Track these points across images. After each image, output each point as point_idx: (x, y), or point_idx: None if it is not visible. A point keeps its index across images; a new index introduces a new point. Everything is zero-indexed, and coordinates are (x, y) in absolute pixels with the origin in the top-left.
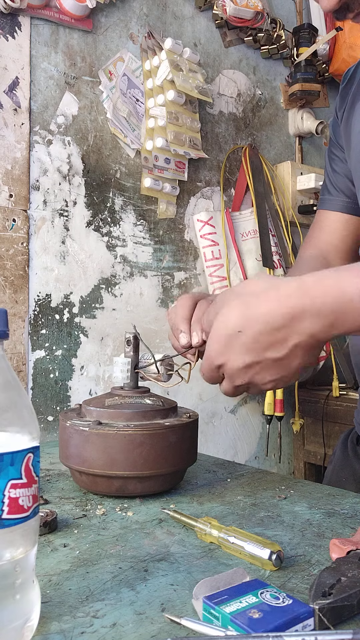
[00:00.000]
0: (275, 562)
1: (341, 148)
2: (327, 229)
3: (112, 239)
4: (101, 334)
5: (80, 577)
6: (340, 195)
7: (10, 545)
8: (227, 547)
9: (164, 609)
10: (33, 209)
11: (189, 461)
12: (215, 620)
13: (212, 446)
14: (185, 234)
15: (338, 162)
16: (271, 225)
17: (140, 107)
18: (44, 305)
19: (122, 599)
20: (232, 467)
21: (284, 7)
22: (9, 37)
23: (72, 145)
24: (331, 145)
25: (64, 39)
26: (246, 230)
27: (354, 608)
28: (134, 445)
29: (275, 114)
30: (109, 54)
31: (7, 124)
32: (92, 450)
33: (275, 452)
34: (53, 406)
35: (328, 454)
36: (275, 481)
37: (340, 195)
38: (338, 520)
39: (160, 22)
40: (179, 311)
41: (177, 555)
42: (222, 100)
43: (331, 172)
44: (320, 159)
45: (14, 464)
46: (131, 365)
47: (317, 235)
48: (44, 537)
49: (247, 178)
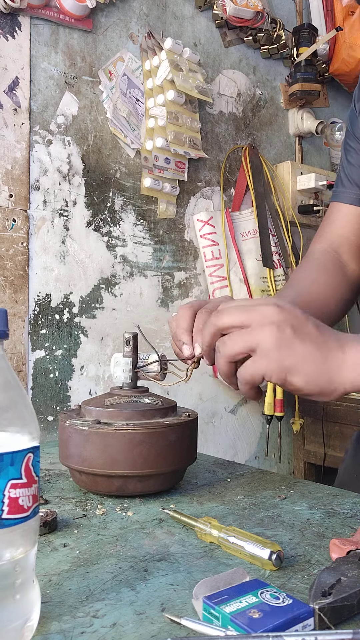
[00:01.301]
0: (275, 562)
1: (357, 140)
2: (339, 222)
3: (112, 239)
4: (101, 334)
5: (80, 577)
6: (354, 187)
7: (10, 545)
8: (227, 547)
9: (164, 609)
10: (33, 209)
11: (189, 460)
12: (215, 620)
13: (212, 446)
14: (185, 233)
15: (353, 154)
16: (271, 225)
17: (140, 107)
18: (44, 305)
19: (122, 599)
20: (232, 467)
21: (284, 7)
22: (9, 37)
23: (72, 145)
24: (347, 136)
25: (64, 38)
26: (246, 230)
27: (354, 608)
28: (133, 445)
29: (275, 114)
30: (109, 54)
31: (7, 124)
32: (92, 450)
33: (275, 452)
34: (53, 406)
35: (328, 454)
36: (275, 481)
37: (354, 187)
38: (338, 520)
39: (160, 22)
40: (180, 322)
41: (177, 555)
42: (222, 100)
43: (346, 164)
44: (320, 159)
45: (14, 464)
46: (132, 365)
47: (328, 228)
48: (44, 537)
49: (247, 178)
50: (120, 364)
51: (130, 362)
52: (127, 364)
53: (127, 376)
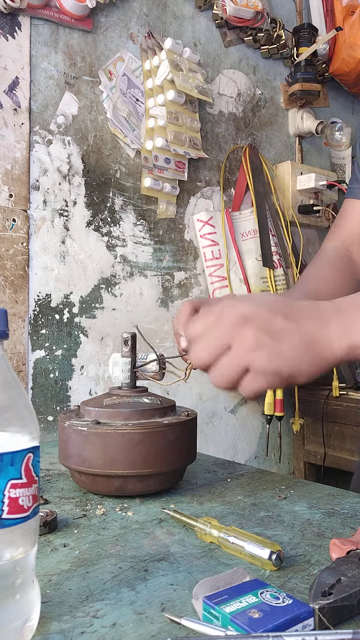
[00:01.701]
0: (275, 562)
1: None
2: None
3: (112, 239)
4: (101, 334)
5: (80, 577)
6: None
7: (10, 545)
8: (227, 547)
9: (164, 609)
10: (33, 209)
11: (189, 459)
12: (215, 620)
13: (212, 446)
14: (185, 233)
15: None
16: (271, 225)
17: (140, 107)
18: (44, 305)
19: (122, 599)
20: (232, 467)
21: (284, 7)
22: (9, 37)
23: (72, 145)
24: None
25: (64, 38)
26: (246, 230)
27: (354, 608)
28: (132, 444)
29: (275, 114)
30: (109, 54)
31: (7, 124)
32: (91, 450)
33: (275, 452)
34: (53, 406)
35: (328, 454)
36: (275, 481)
37: None
38: (338, 520)
39: (160, 22)
40: (180, 316)
41: (177, 555)
42: (222, 100)
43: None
44: (320, 159)
45: (14, 464)
46: (130, 365)
47: (342, 225)
48: (44, 537)
49: (247, 178)
50: (118, 364)
51: (128, 362)
52: (126, 364)
53: (126, 376)
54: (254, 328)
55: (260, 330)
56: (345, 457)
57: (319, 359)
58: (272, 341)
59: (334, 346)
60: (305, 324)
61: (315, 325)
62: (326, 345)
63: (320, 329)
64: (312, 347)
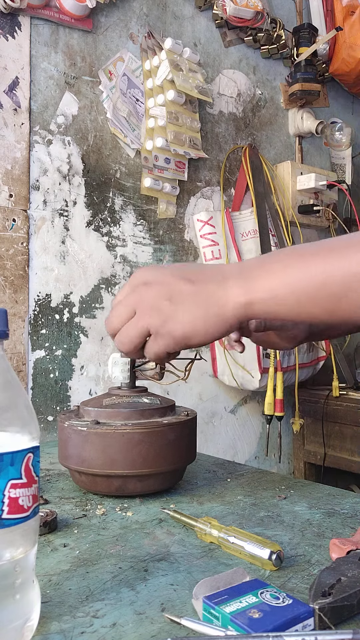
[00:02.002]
0: (275, 562)
1: None
2: None
3: (112, 239)
4: (101, 334)
5: (80, 577)
6: None
7: (10, 545)
8: (227, 547)
9: (164, 609)
10: (33, 209)
11: (189, 459)
12: (215, 620)
13: (212, 446)
14: (185, 233)
15: None
16: (271, 225)
17: (140, 107)
18: (44, 305)
19: (122, 599)
20: (232, 467)
21: (284, 7)
22: (9, 37)
23: (72, 145)
24: None
25: (64, 38)
26: (246, 230)
27: (354, 608)
28: (132, 444)
29: (275, 114)
30: (109, 54)
31: (7, 124)
32: (91, 450)
33: (275, 452)
34: (53, 406)
35: (328, 454)
36: (275, 481)
37: None
38: (338, 520)
39: (160, 22)
40: None
41: (177, 555)
42: (222, 100)
43: None
44: (320, 159)
45: (14, 464)
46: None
47: None
48: (44, 537)
49: (247, 178)
50: (118, 364)
51: (128, 362)
52: (125, 364)
53: (125, 376)
54: (154, 292)
55: (158, 294)
56: (345, 457)
57: (215, 317)
58: (170, 304)
59: (231, 304)
60: (205, 286)
61: (213, 285)
62: (223, 303)
63: (217, 288)
64: (208, 307)
